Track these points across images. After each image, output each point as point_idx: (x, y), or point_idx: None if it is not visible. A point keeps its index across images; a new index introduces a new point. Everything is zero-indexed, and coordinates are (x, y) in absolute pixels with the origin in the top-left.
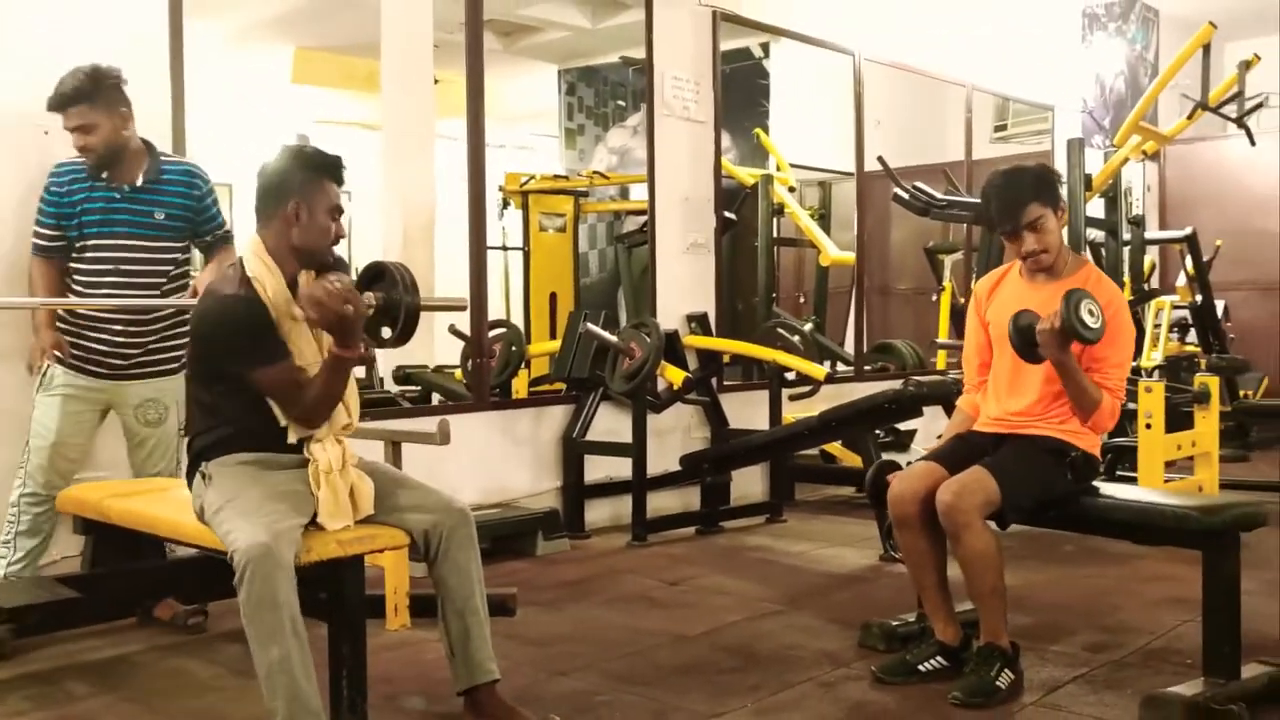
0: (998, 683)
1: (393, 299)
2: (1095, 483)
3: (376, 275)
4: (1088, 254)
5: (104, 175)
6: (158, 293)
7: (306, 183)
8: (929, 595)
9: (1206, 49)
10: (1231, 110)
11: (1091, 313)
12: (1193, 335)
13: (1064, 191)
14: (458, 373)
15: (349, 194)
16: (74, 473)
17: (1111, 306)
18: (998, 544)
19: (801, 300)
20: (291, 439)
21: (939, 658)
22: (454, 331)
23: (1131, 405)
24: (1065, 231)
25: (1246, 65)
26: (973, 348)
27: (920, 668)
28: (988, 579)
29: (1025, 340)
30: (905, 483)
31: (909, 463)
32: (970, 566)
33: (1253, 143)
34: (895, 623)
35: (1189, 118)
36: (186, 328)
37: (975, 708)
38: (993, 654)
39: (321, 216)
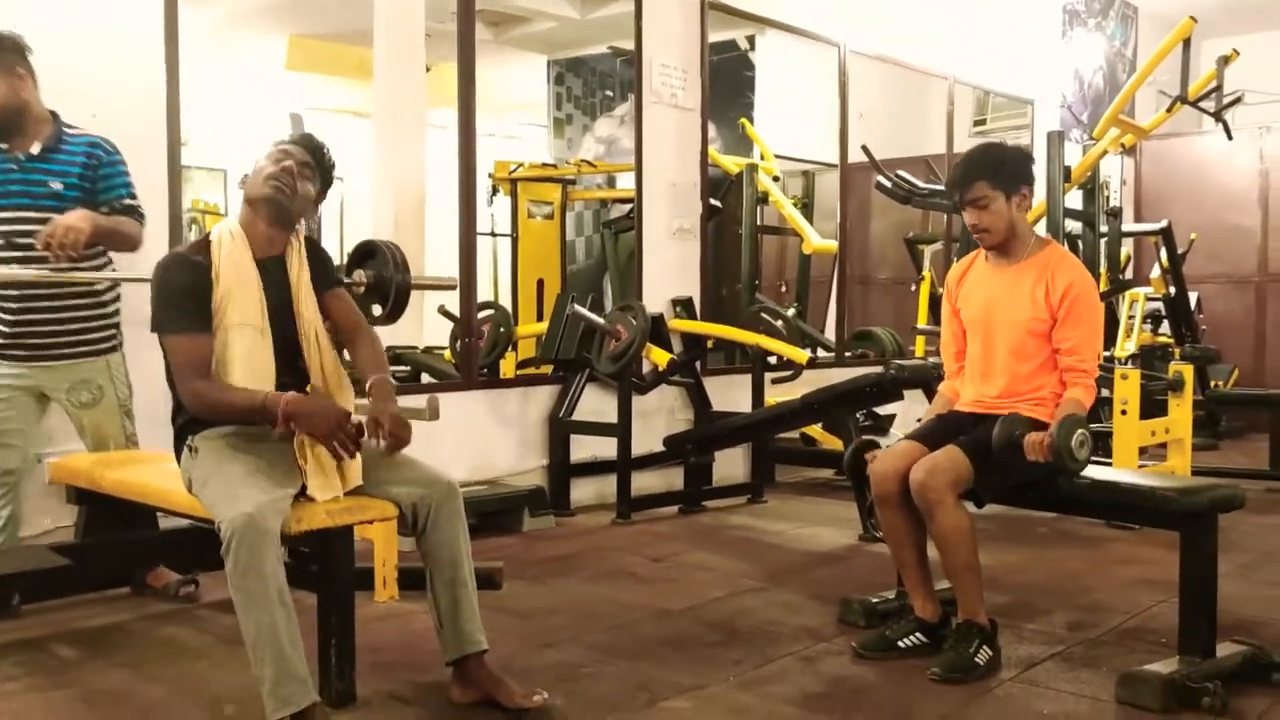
0: (976, 659)
1: (383, 276)
2: None
3: (368, 253)
4: (1065, 246)
5: (2, 145)
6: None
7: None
8: (908, 572)
9: (1187, 43)
10: (1210, 104)
11: (1083, 444)
12: (1166, 326)
13: (1042, 182)
14: (446, 353)
15: (341, 179)
16: (21, 458)
17: (1075, 287)
18: (971, 521)
19: (784, 288)
20: None
21: (918, 634)
22: (443, 312)
23: (1107, 392)
24: (1044, 222)
25: (1225, 60)
26: (948, 335)
27: (900, 644)
28: (961, 555)
29: (1010, 448)
30: (886, 461)
31: (887, 444)
32: (944, 543)
33: (1230, 137)
34: (875, 599)
35: (1168, 110)
36: (112, 306)
37: (954, 683)
38: (971, 631)
39: (260, 162)
